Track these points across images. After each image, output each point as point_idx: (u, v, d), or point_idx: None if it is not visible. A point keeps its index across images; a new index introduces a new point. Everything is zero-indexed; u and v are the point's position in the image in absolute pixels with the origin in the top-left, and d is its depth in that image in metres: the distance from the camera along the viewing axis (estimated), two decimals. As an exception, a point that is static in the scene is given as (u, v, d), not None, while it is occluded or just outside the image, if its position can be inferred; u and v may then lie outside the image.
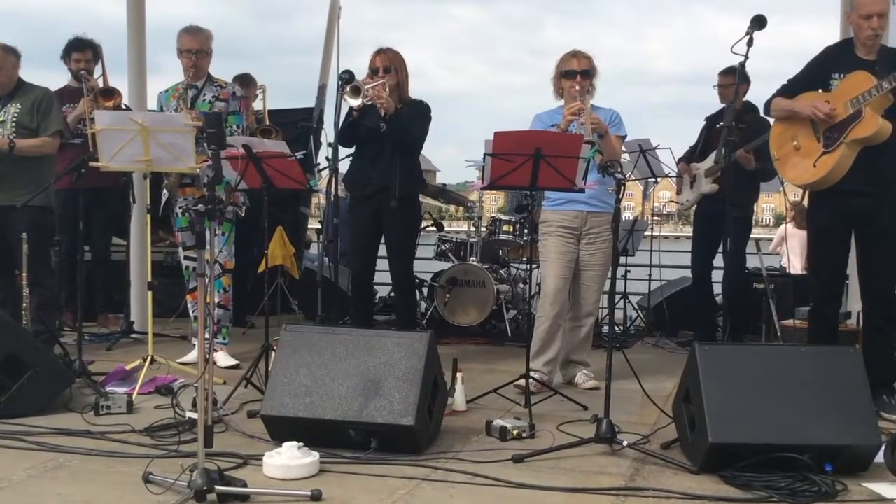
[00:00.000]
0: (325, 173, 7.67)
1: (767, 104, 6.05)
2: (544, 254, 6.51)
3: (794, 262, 12.68)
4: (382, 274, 7.51)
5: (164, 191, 7.20)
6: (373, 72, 6.68)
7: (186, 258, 7.23)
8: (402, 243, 6.98)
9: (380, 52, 6.74)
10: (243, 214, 7.14)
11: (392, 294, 9.56)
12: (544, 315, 6.41)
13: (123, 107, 8.23)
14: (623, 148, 6.89)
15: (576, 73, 6.36)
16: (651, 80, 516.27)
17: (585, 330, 6.61)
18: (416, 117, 6.76)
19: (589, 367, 6.63)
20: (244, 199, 7.10)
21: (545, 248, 6.51)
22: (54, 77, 8.34)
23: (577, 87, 6.30)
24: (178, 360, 6.77)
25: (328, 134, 6.68)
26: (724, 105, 8.20)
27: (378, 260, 7.11)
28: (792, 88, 5.97)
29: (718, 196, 7.74)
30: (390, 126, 6.56)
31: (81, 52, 8.37)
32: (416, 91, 6.82)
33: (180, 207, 7.13)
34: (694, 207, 8.37)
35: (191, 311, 7.35)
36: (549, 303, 6.39)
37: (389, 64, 6.68)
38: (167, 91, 7.31)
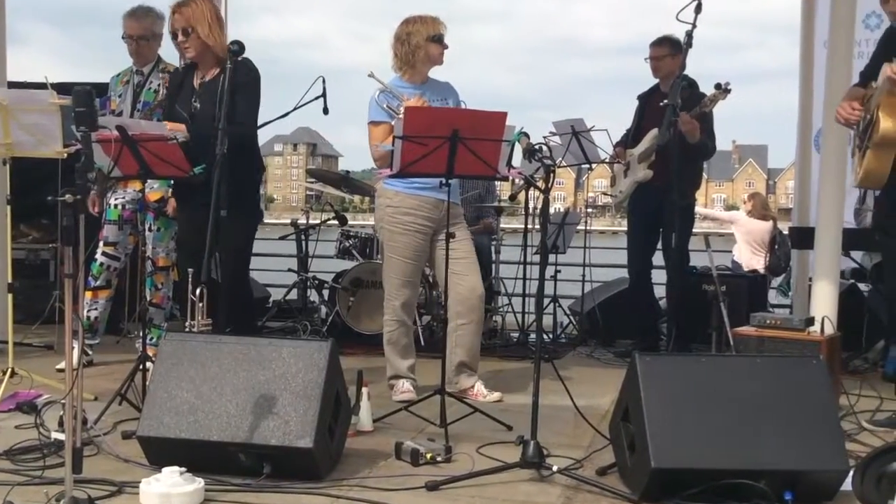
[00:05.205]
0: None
1: None
2: (392, 246, 6.47)
3: (743, 257, 12.91)
4: (281, 275, 7.38)
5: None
6: (172, 35, 6.46)
7: (104, 254, 7.27)
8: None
9: (174, 8, 6.43)
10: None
11: (286, 299, 9.66)
12: (394, 317, 6.64)
13: None
14: (553, 130, 6.83)
15: (442, 38, 6.36)
16: (585, 51, 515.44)
17: (472, 328, 6.57)
18: (239, 98, 6.24)
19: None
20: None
21: (393, 238, 6.46)
22: None
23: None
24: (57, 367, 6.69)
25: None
26: (657, 80, 8.21)
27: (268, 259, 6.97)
28: None
29: (654, 184, 7.73)
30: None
31: None
32: (316, 66, 6.64)
33: (116, 200, 7.23)
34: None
35: (85, 310, 7.22)
36: (398, 303, 6.58)
37: (187, 24, 6.33)
38: (118, 75, 7.48)
